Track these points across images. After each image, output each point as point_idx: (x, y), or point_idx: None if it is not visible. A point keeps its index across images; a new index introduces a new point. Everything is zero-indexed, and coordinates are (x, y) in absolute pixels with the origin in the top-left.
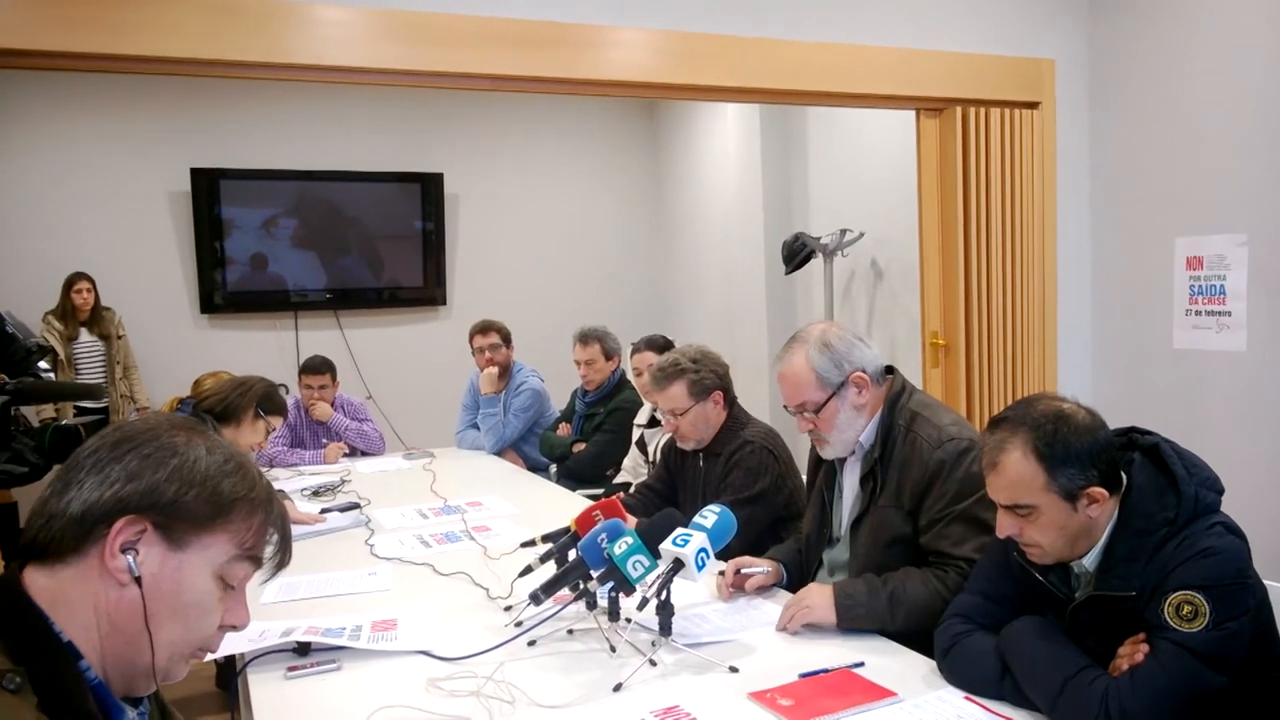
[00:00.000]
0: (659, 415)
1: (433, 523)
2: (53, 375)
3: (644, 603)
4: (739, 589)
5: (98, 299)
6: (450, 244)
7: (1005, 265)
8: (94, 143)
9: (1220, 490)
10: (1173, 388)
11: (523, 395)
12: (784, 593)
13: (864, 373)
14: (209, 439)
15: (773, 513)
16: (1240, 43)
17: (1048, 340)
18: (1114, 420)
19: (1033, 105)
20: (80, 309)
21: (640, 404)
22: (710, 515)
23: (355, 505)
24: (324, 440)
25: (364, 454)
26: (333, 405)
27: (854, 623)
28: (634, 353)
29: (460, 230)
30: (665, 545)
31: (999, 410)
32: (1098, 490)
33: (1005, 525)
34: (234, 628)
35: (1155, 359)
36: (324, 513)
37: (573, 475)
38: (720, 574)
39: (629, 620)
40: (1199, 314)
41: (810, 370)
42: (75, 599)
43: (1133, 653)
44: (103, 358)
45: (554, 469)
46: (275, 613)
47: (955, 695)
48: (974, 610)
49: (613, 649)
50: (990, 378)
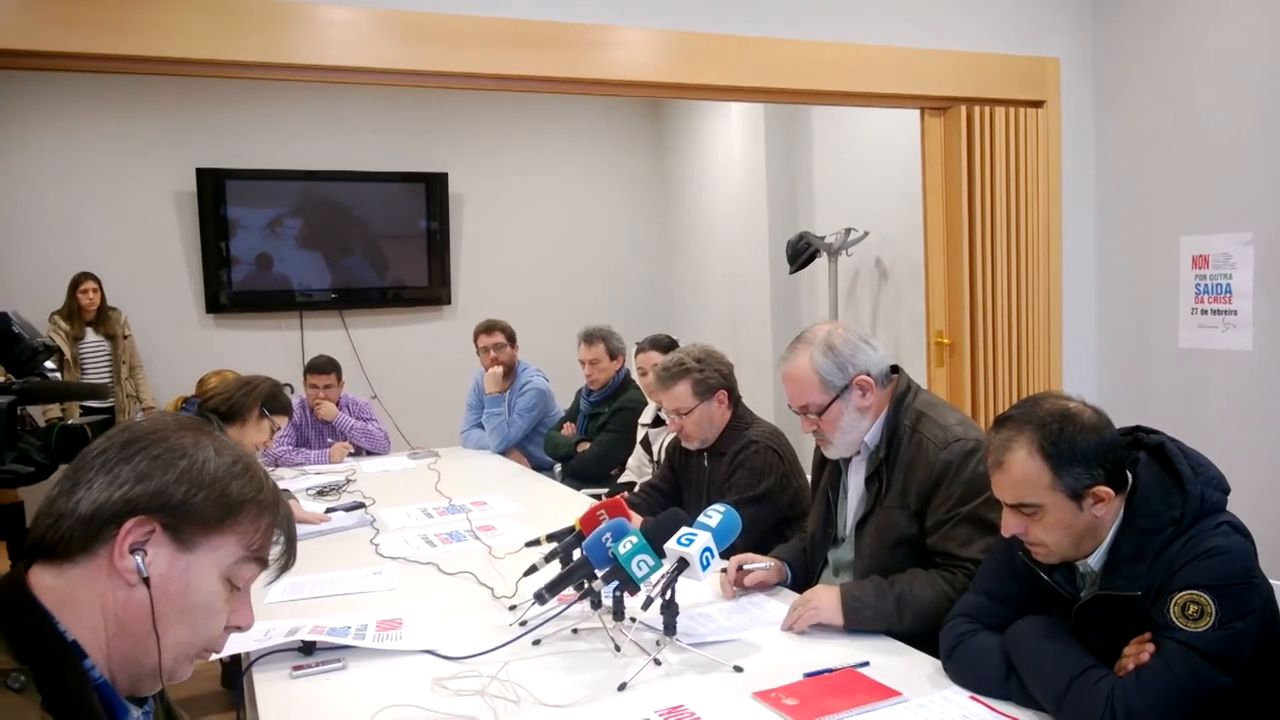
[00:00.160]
0: (663, 415)
1: (437, 522)
2: (59, 375)
3: (649, 602)
4: (741, 585)
5: (104, 299)
6: (455, 244)
7: (1010, 264)
8: (100, 143)
9: (1226, 489)
10: (1178, 387)
11: (527, 395)
12: (789, 592)
13: (868, 375)
14: (217, 440)
15: (777, 512)
16: (1246, 41)
17: (1053, 339)
18: (1119, 419)
19: (1037, 104)
20: (86, 309)
21: (645, 403)
22: (715, 515)
23: (360, 505)
24: (329, 440)
25: (369, 453)
26: (338, 405)
27: (861, 625)
28: (639, 352)
29: (465, 230)
30: (670, 545)
31: (1004, 409)
32: (1103, 489)
33: (1010, 524)
34: (239, 629)
35: (1161, 358)
36: (329, 512)
37: (577, 475)
38: (723, 571)
39: (634, 620)
40: (1204, 313)
41: (814, 373)
42: (83, 599)
43: (1138, 652)
44: (109, 357)
45: (559, 468)
46: (280, 612)
47: (960, 695)
48: (979, 610)
49: (617, 648)
50: (995, 377)
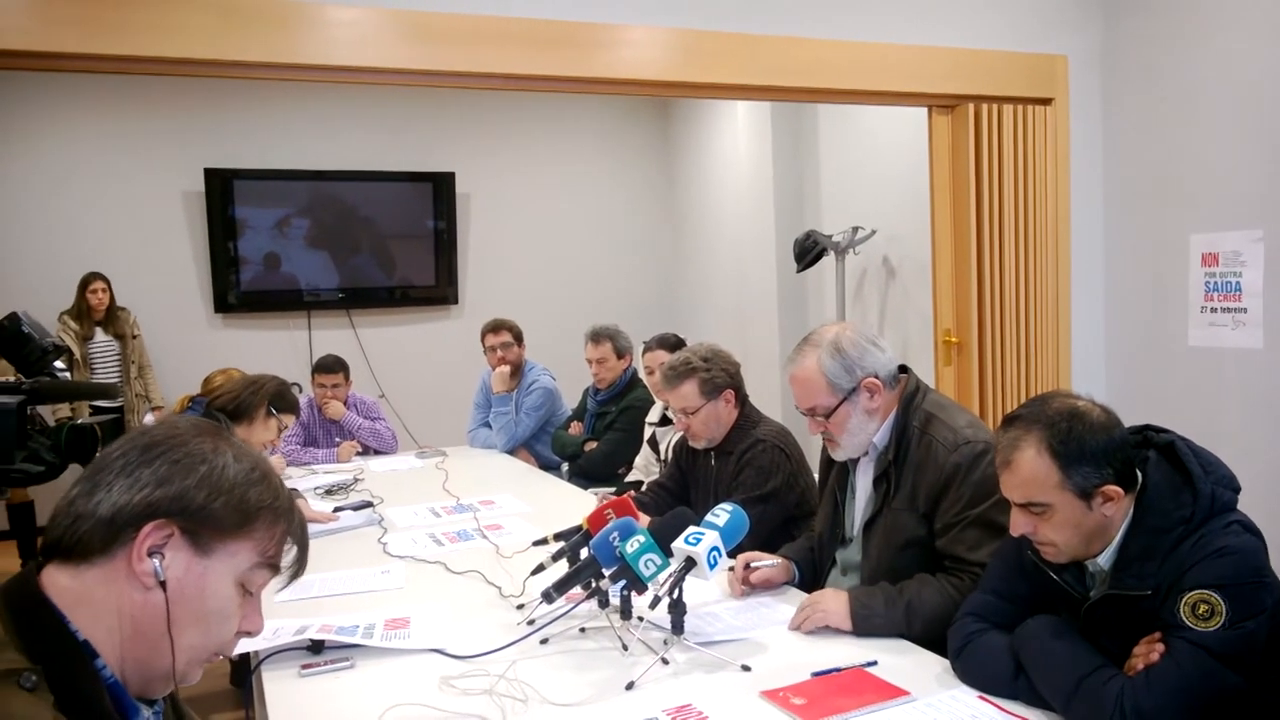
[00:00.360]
0: (670, 414)
1: (445, 521)
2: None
3: (656, 601)
4: (748, 584)
5: (113, 299)
6: (462, 243)
7: (1018, 262)
8: (109, 144)
9: (1237, 488)
10: (1188, 385)
11: (534, 394)
12: (797, 592)
13: (876, 377)
14: (235, 446)
15: (785, 511)
16: (1255, 38)
17: (1061, 337)
18: (1129, 418)
19: (1046, 101)
20: (96, 309)
21: (652, 402)
22: (722, 514)
23: (368, 504)
24: (337, 439)
25: (377, 453)
26: (345, 404)
27: (870, 633)
28: (645, 351)
29: (472, 229)
30: (677, 544)
31: (1012, 408)
32: (1113, 488)
33: (1019, 523)
34: (249, 634)
35: (1170, 356)
36: (337, 511)
37: (584, 474)
38: (730, 570)
39: (641, 619)
40: (1214, 311)
41: (821, 375)
42: (99, 600)
43: (1148, 652)
44: (118, 357)
45: (566, 467)
46: (289, 611)
47: (969, 694)
48: (987, 609)
49: (625, 647)
50: (1003, 375)
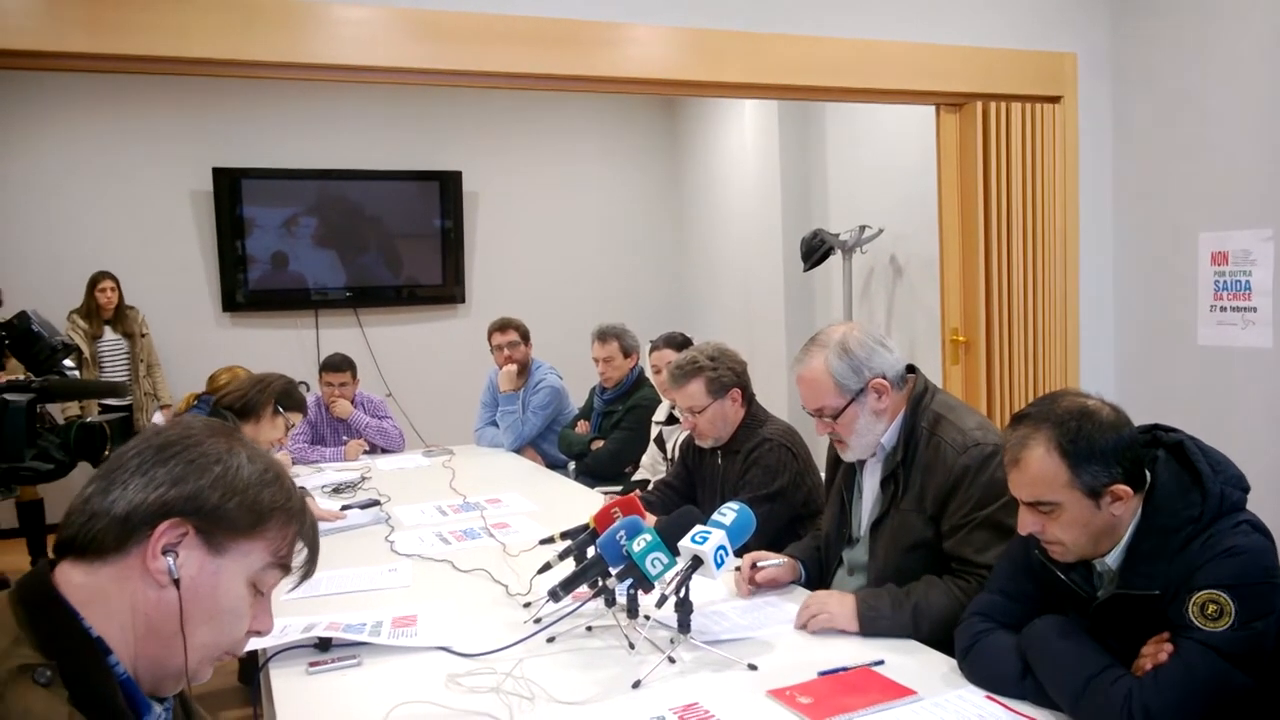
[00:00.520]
0: (677, 412)
1: (452, 520)
2: (77, 373)
3: (663, 600)
4: (754, 583)
5: (121, 298)
6: (469, 242)
7: (1026, 261)
8: (117, 143)
9: (1246, 488)
10: (1197, 385)
11: (541, 393)
12: (803, 591)
13: (884, 378)
14: (248, 447)
15: (791, 510)
16: (1265, 36)
17: (1070, 337)
18: (1137, 417)
19: (1054, 100)
20: (104, 308)
21: (658, 401)
22: (729, 512)
23: (375, 502)
24: (344, 437)
25: (384, 451)
26: (353, 403)
27: (877, 634)
28: (652, 350)
29: (479, 228)
30: (684, 542)
31: (1020, 407)
32: (1121, 488)
33: (1027, 522)
34: (259, 633)
35: (1179, 356)
36: (344, 509)
37: (591, 472)
38: (737, 570)
39: (648, 617)
40: (1224, 310)
41: (829, 376)
42: (112, 597)
43: (1156, 652)
44: (126, 356)
45: (572, 466)
46: (297, 608)
47: (976, 694)
48: (994, 609)
49: (631, 646)
50: (1011, 375)
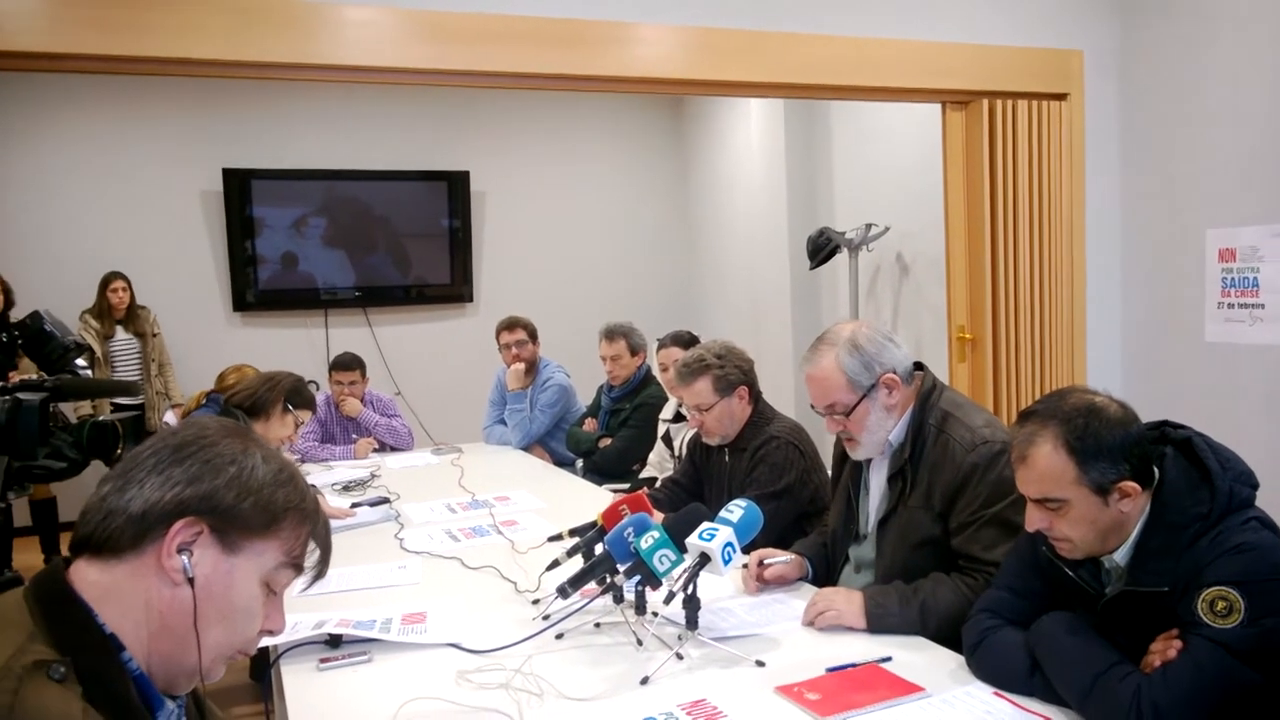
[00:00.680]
0: (684, 410)
1: (461, 517)
2: (90, 372)
3: (670, 597)
4: (761, 580)
5: (133, 298)
6: (477, 241)
7: (1033, 259)
8: (128, 144)
9: (1255, 485)
10: (1205, 381)
11: (549, 391)
12: (810, 587)
13: (894, 374)
14: (263, 448)
15: (798, 507)
16: (1272, 33)
17: (1076, 334)
18: (1145, 414)
19: (1061, 97)
20: (116, 308)
21: (666, 399)
22: (736, 510)
23: (385, 500)
24: (354, 436)
25: (393, 449)
26: (362, 401)
27: (885, 631)
28: (659, 348)
29: (487, 228)
30: (691, 539)
31: (1027, 405)
32: (1130, 484)
33: (1035, 519)
34: (271, 632)
35: (1187, 352)
36: (354, 507)
37: (599, 470)
38: (744, 567)
39: (655, 614)
40: (1231, 307)
41: (840, 373)
42: (127, 594)
43: (1165, 649)
44: (138, 355)
45: (580, 464)
46: (307, 605)
47: (984, 690)
48: (1002, 605)
49: (639, 642)
50: (1018, 372)
